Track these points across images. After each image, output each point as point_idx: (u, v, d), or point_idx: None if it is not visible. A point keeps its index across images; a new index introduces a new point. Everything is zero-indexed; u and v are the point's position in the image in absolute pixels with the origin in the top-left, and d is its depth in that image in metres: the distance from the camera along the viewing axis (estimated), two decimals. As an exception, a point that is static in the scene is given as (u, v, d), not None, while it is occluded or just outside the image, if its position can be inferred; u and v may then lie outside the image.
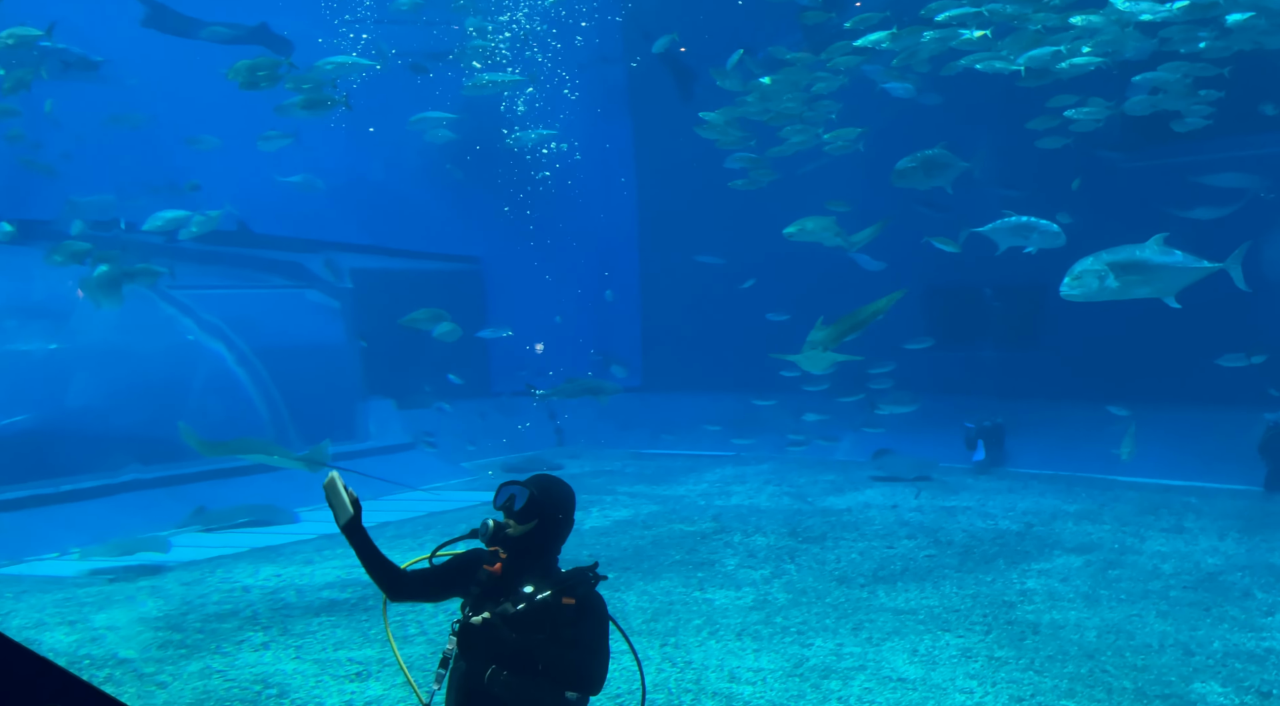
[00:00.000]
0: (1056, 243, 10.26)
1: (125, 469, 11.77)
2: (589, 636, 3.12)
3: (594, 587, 3.19)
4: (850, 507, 11.67)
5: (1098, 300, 7.95)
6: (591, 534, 10.59)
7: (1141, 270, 7.74)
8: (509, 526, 3.20)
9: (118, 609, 8.11)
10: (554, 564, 3.27)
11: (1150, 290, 7.91)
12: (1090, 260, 7.78)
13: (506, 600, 3.10)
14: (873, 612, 7.61)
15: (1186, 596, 7.92)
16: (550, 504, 3.24)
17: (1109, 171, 14.80)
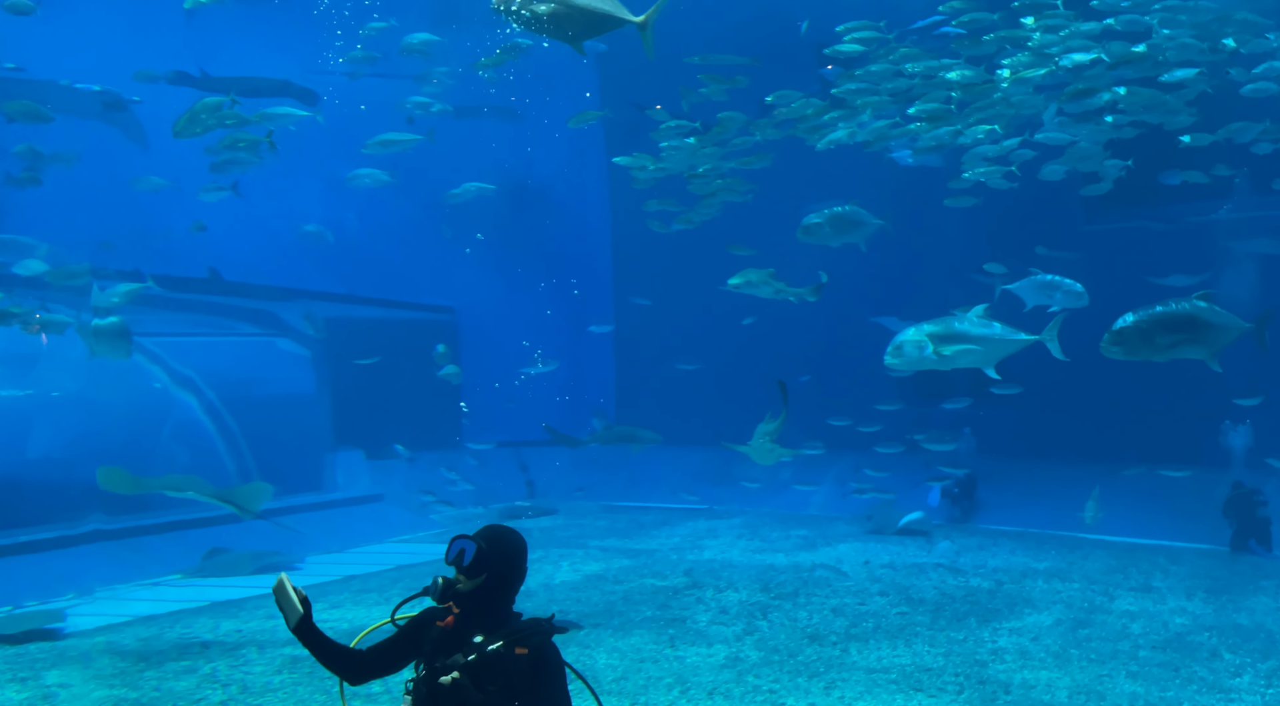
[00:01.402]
0: (1080, 303, 10.38)
1: (88, 519, 11.50)
2: (547, 689, 3.09)
3: (549, 638, 3.15)
4: (823, 563, 11.64)
5: (921, 369, 8.17)
6: (562, 588, 10.46)
7: (961, 340, 7.92)
8: (459, 582, 3.19)
9: (71, 665, 7.85)
10: (509, 615, 3.25)
11: (971, 361, 8.10)
12: (912, 331, 8.00)
13: (458, 652, 3.07)
14: (845, 671, 7.56)
15: (1155, 656, 7.94)
16: (499, 557, 3.24)
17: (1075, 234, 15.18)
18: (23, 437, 11.69)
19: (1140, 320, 6.77)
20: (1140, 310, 6.85)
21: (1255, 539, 12.29)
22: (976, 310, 8.15)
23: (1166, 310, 6.81)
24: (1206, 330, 6.81)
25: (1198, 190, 13.40)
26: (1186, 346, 6.84)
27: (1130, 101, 10.37)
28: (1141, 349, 6.81)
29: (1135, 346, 6.80)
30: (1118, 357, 6.96)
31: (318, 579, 11.15)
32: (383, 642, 3.28)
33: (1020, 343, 8.02)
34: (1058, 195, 13.42)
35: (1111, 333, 6.85)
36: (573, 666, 3.32)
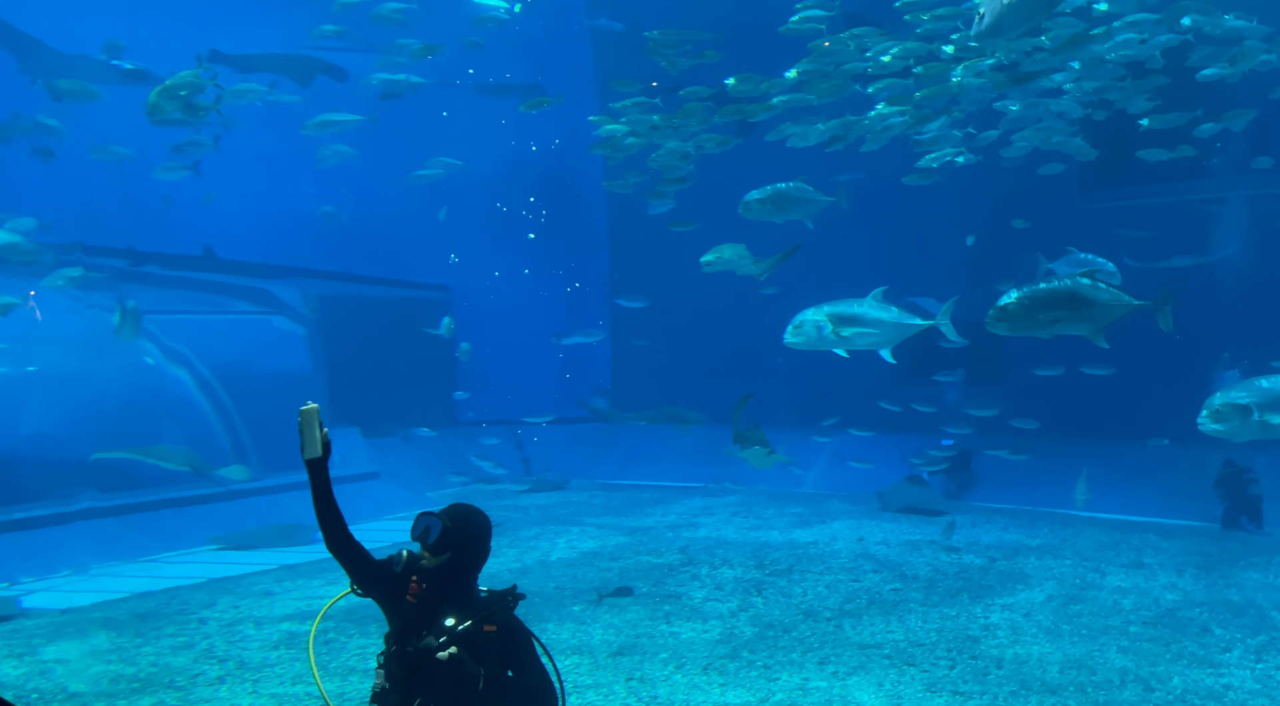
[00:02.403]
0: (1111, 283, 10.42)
1: (80, 496, 11.50)
2: (522, 658, 3.17)
3: (512, 611, 3.22)
4: (817, 540, 11.69)
5: (819, 348, 8.36)
6: (558, 565, 10.50)
7: (858, 323, 8.14)
8: (424, 558, 3.23)
9: (68, 641, 7.88)
10: (473, 591, 3.30)
11: (868, 343, 8.29)
12: (811, 311, 8.22)
13: (429, 633, 3.11)
14: (839, 647, 7.61)
15: (1146, 632, 8.00)
16: (464, 536, 3.28)
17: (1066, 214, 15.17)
18: (16, 414, 11.66)
19: (1022, 297, 6.88)
20: (1024, 287, 6.98)
21: (1246, 516, 12.37)
22: (875, 293, 8.31)
23: (1048, 287, 6.92)
24: (1089, 307, 6.89)
25: (1196, 168, 13.40)
26: (1069, 323, 6.93)
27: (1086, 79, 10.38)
28: (1024, 325, 6.91)
29: (1018, 323, 6.91)
30: (1003, 333, 7.10)
31: (316, 556, 11.19)
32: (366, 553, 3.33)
33: (915, 327, 8.21)
34: (1054, 173, 13.38)
35: (995, 309, 6.95)
36: (536, 637, 3.39)
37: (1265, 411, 6.95)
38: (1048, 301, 6.83)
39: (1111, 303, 6.92)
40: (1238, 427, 7.03)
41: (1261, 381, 7.08)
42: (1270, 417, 6.94)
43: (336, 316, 16.17)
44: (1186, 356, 13.40)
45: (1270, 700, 6.49)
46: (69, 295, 12.87)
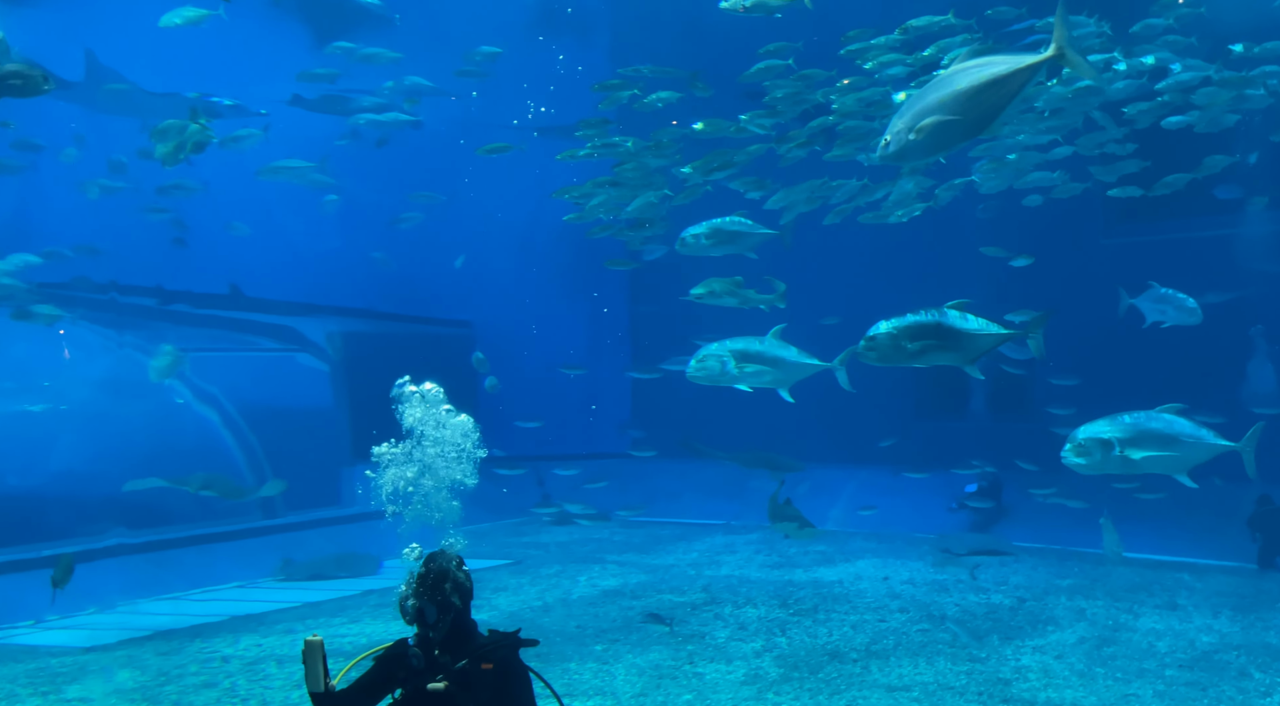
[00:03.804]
0: (1193, 319, 10.39)
1: (109, 533, 11.58)
2: (515, 696, 3.25)
3: (514, 652, 3.28)
4: (841, 579, 11.55)
5: (720, 384, 8.45)
6: (579, 603, 10.43)
7: (757, 360, 8.29)
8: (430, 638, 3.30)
9: (92, 680, 7.89)
10: (472, 631, 3.36)
11: (766, 381, 8.40)
12: (715, 346, 8.40)
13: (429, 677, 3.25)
14: (866, 689, 7.48)
15: (1183, 675, 7.82)
16: (456, 595, 3.35)
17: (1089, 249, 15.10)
18: (45, 452, 11.80)
19: (890, 328, 6.92)
20: (893, 318, 7.00)
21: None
22: (774, 331, 8.41)
23: (915, 318, 6.93)
24: (956, 337, 6.88)
25: (1221, 203, 13.32)
26: (936, 353, 6.93)
27: None
28: (893, 356, 6.94)
29: (887, 353, 6.94)
30: (874, 363, 7.11)
31: (339, 593, 11.17)
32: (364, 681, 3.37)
33: (812, 368, 8.29)
34: (1078, 208, 13.34)
35: (865, 339, 7.00)
36: (541, 675, 3.47)
37: (1126, 446, 6.91)
38: (915, 332, 6.86)
39: (979, 332, 6.92)
40: (1099, 462, 6.98)
41: (1125, 417, 7.05)
42: (1131, 453, 6.91)
43: (359, 353, 16.29)
44: (1218, 392, 13.20)
45: (1314, 748, 6.31)
46: (100, 333, 13.07)
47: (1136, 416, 7.02)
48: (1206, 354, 13.19)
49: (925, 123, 5.57)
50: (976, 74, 5.48)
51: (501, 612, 10.02)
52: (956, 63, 5.69)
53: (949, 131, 5.61)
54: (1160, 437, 6.90)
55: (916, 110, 5.64)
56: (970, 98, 5.47)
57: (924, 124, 5.57)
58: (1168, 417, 6.97)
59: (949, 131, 5.61)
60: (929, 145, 5.75)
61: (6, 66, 7.03)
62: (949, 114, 5.52)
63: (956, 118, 5.52)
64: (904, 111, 5.80)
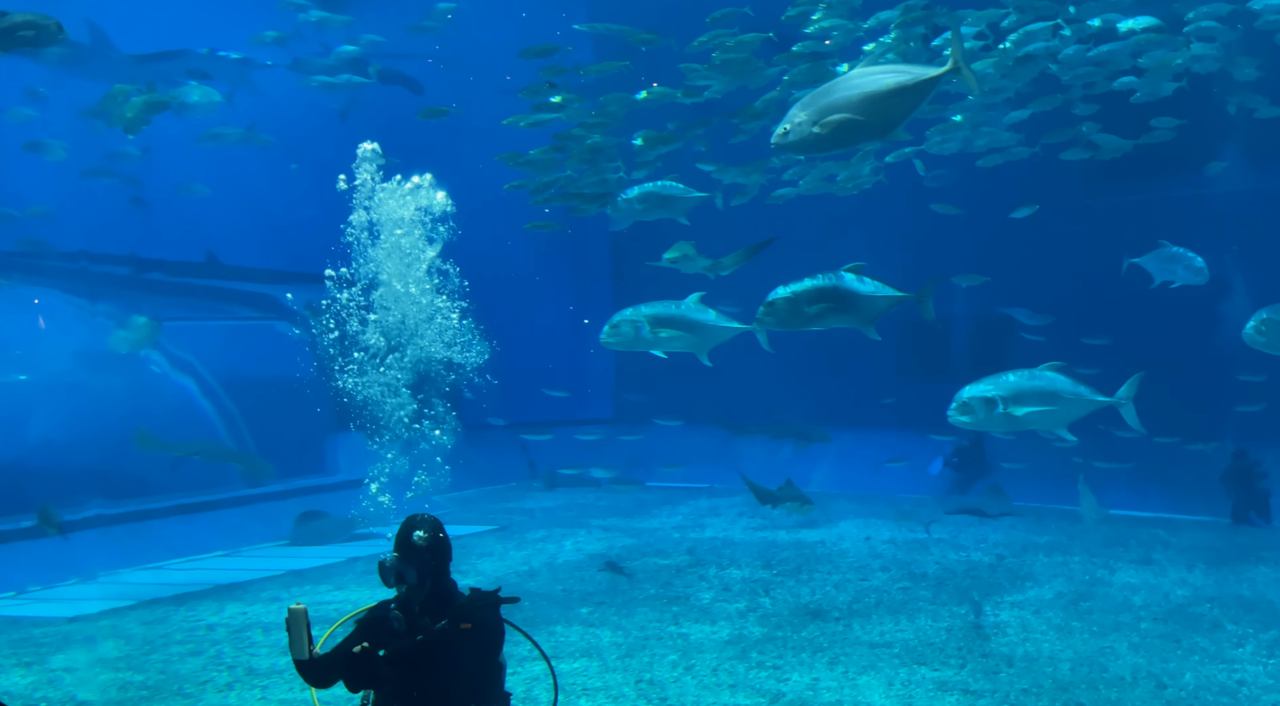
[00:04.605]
0: (1199, 279, 10.43)
1: (89, 504, 11.51)
2: (482, 655, 3.30)
3: (495, 611, 3.35)
4: (824, 540, 11.67)
5: (635, 349, 8.36)
6: (565, 568, 10.49)
7: (675, 325, 8.17)
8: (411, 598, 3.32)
9: (76, 650, 7.88)
10: (451, 588, 3.39)
11: (683, 346, 8.32)
12: (630, 311, 8.24)
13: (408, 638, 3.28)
14: (848, 646, 7.58)
15: (1157, 628, 7.97)
16: (435, 558, 3.37)
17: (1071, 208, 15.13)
18: (23, 423, 11.67)
19: (788, 293, 7.06)
20: (791, 283, 7.13)
21: (1255, 510, 12.32)
22: (694, 296, 8.29)
23: (813, 282, 7.08)
24: (853, 300, 7.07)
25: (1203, 162, 13.33)
26: (834, 315, 7.11)
27: None
28: (792, 319, 7.08)
29: (785, 317, 7.08)
30: (773, 328, 7.23)
31: (324, 561, 11.18)
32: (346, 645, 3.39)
33: (732, 331, 8.20)
34: (1058, 168, 13.35)
35: (764, 304, 7.12)
36: (529, 635, 3.58)
37: (1009, 404, 7.12)
38: (812, 295, 7.01)
39: (874, 295, 7.11)
40: (984, 420, 7.20)
41: (1009, 376, 7.26)
42: (1014, 410, 7.12)
43: (338, 320, 16.15)
44: (1195, 353, 13.34)
45: (1284, 695, 6.46)
46: (73, 303, 12.89)
47: (1019, 375, 7.26)
48: (1183, 313, 13.29)
49: (831, 119, 5.77)
50: (886, 80, 5.75)
51: (487, 577, 10.07)
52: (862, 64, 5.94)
53: (852, 131, 5.85)
54: (1041, 395, 7.13)
55: (821, 106, 5.82)
56: (878, 101, 5.73)
57: (829, 120, 5.78)
58: (1049, 376, 7.20)
59: (852, 131, 5.85)
60: (829, 141, 5.96)
61: (15, 17, 6.76)
62: (855, 114, 5.75)
63: (861, 118, 5.75)
64: (807, 104, 5.95)
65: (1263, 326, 8.12)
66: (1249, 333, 8.19)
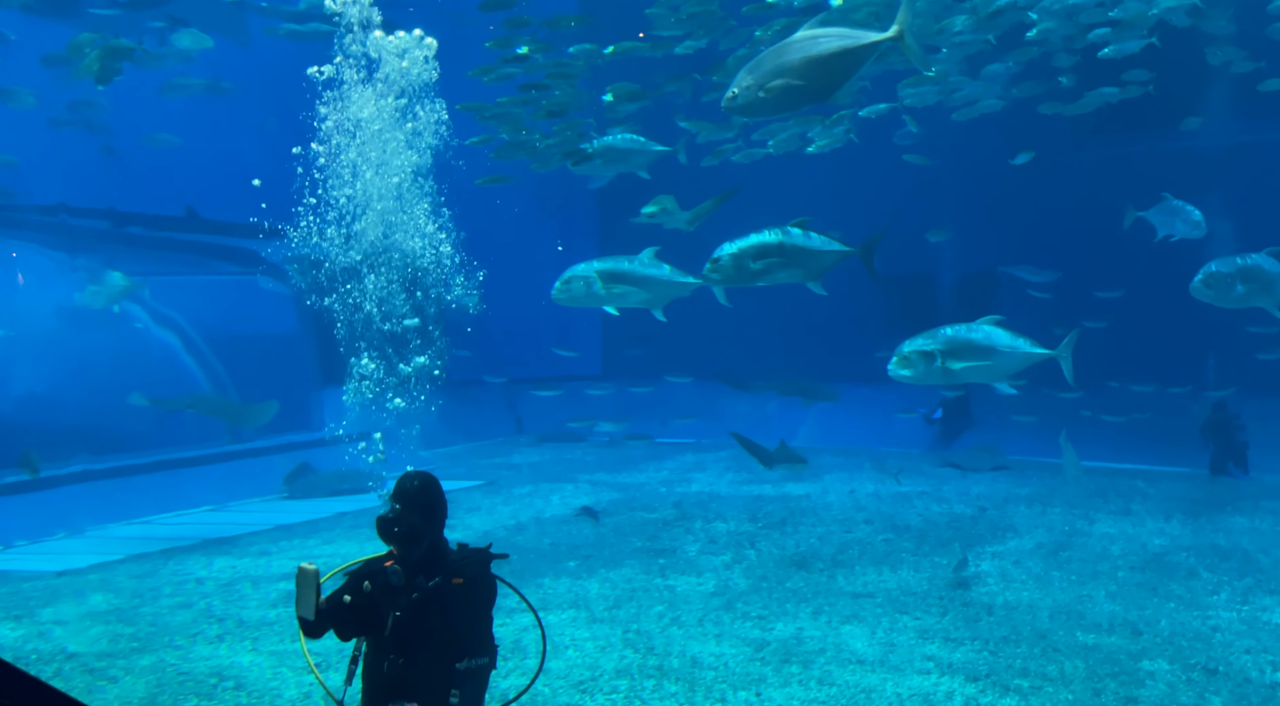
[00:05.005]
0: (1197, 232, 10.43)
1: (74, 460, 11.48)
2: (471, 610, 3.32)
3: (486, 566, 3.37)
4: (809, 493, 11.79)
5: (588, 305, 8.32)
6: (553, 522, 10.57)
7: (628, 280, 8.13)
8: (410, 554, 3.33)
9: (65, 603, 7.91)
10: (444, 547, 3.42)
11: (636, 301, 8.29)
12: (582, 266, 8.19)
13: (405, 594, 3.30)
14: (831, 597, 7.70)
15: (1134, 577, 8.12)
16: (432, 515, 3.37)
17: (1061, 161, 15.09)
18: (4, 379, 11.58)
19: (734, 249, 7.10)
20: (737, 239, 7.17)
21: (1233, 461, 12.52)
22: (648, 251, 8.22)
23: (759, 238, 7.13)
24: (799, 255, 7.11)
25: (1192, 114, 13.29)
26: (781, 270, 7.15)
27: None
28: (738, 275, 7.13)
29: (731, 273, 7.12)
30: (720, 284, 7.25)
31: (311, 516, 11.22)
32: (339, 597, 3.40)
33: (687, 286, 8.14)
34: (1048, 121, 13.29)
35: (710, 261, 7.15)
36: (518, 590, 3.56)
37: (948, 358, 7.19)
38: (758, 251, 7.05)
39: (820, 250, 7.14)
40: (923, 373, 7.27)
41: (946, 329, 7.34)
42: (952, 364, 7.19)
43: (322, 276, 16.02)
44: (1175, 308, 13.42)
45: (1256, 641, 6.62)
46: (52, 257, 12.73)
47: (957, 329, 7.33)
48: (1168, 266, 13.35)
49: (775, 83, 5.85)
50: (827, 44, 5.81)
51: (475, 532, 10.13)
52: (806, 29, 5.94)
53: (796, 94, 5.94)
54: (979, 348, 7.18)
55: (767, 69, 5.90)
56: (819, 66, 5.80)
57: (773, 84, 5.86)
58: (986, 329, 7.26)
59: (796, 94, 5.94)
60: (775, 104, 6.05)
61: None
62: (798, 78, 5.82)
63: (804, 83, 5.83)
64: (754, 68, 6.01)
65: (1210, 279, 8.12)
66: (1196, 286, 8.20)
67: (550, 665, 6.17)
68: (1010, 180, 13.97)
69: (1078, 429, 12.77)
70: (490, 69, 10.66)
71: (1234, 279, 8.12)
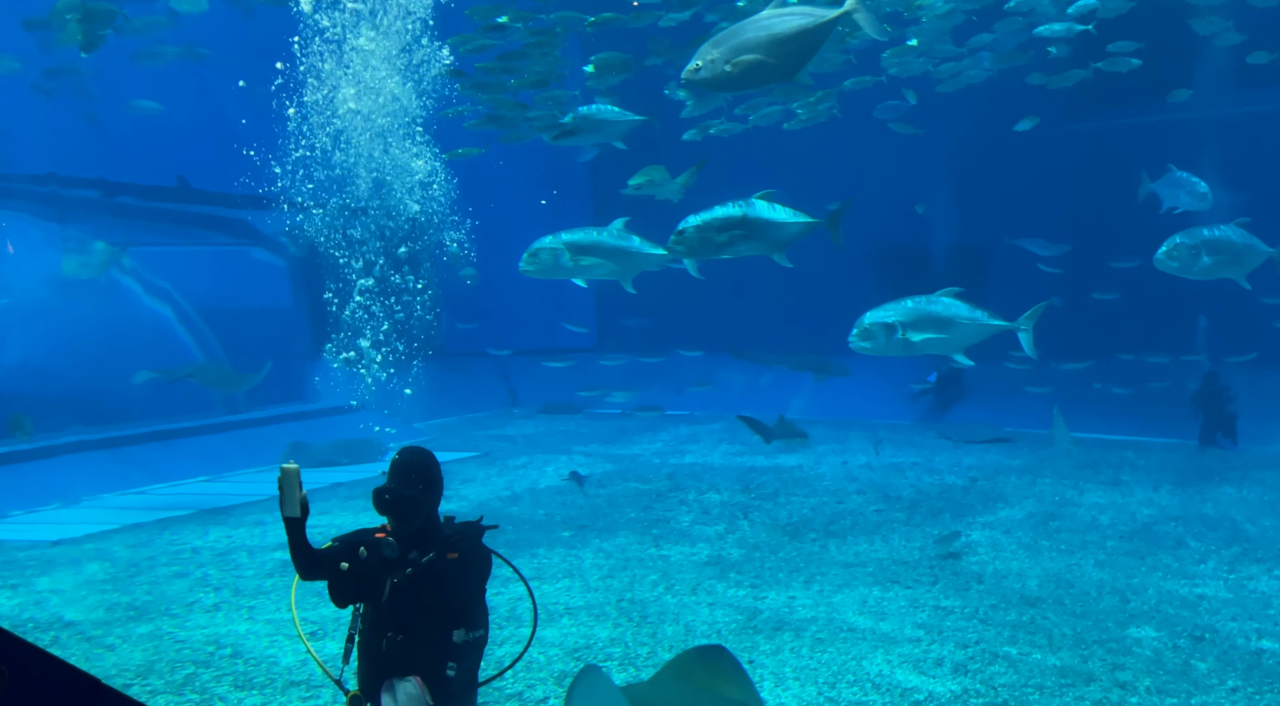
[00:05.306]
0: (1203, 205, 10.41)
1: (67, 430, 11.47)
2: (465, 584, 3.35)
3: (479, 540, 3.39)
4: (801, 465, 11.85)
5: (555, 277, 8.30)
6: (547, 493, 10.62)
7: (596, 252, 8.06)
8: (402, 529, 3.34)
9: (61, 572, 7.94)
10: (437, 523, 3.43)
11: (606, 272, 8.25)
12: (549, 238, 8.12)
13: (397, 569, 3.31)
14: (824, 566, 7.77)
15: (1123, 546, 8.21)
16: (430, 490, 3.38)
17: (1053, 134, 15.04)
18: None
19: (699, 221, 7.13)
20: (702, 211, 7.19)
21: (1222, 432, 12.61)
22: (617, 223, 8.16)
23: (723, 210, 7.15)
24: (763, 228, 7.14)
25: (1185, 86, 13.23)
26: (744, 243, 7.18)
27: None
28: (702, 248, 7.15)
29: (695, 245, 7.14)
30: (685, 256, 7.27)
31: (307, 486, 11.24)
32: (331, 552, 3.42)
33: (658, 258, 8.07)
34: (1040, 93, 13.22)
35: (675, 234, 7.18)
36: (510, 562, 3.59)
37: (908, 329, 7.27)
38: (722, 224, 7.07)
39: (785, 222, 7.15)
40: (883, 345, 7.34)
41: (906, 302, 7.39)
42: (912, 335, 7.27)
43: (316, 248, 15.95)
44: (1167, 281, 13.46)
45: (1242, 608, 6.71)
46: (42, 227, 12.64)
47: (917, 301, 7.38)
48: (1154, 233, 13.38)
49: (741, 59, 5.92)
50: (791, 22, 5.91)
51: (470, 503, 10.18)
52: (773, 7, 5.99)
53: (760, 71, 6.02)
54: (939, 320, 7.25)
55: (732, 45, 5.97)
56: (783, 43, 5.90)
57: (740, 59, 5.92)
58: (945, 301, 7.31)
59: (760, 71, 6.02)
60: (739, 79, 6.11)
61: None
62: (763, 54, 5.90)
63: (768, 59, 5.91)
64: (719, 43, 6.05)
65: (1174, 251, 8.16)
66: (1160, 258, 8.23)
67: (545, 633, 6.24)
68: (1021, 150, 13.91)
69: (1072, 401, 12.87)
70: (469, 39, 10.52)
71: (1199, 250, 8.14)
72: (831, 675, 5.58)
